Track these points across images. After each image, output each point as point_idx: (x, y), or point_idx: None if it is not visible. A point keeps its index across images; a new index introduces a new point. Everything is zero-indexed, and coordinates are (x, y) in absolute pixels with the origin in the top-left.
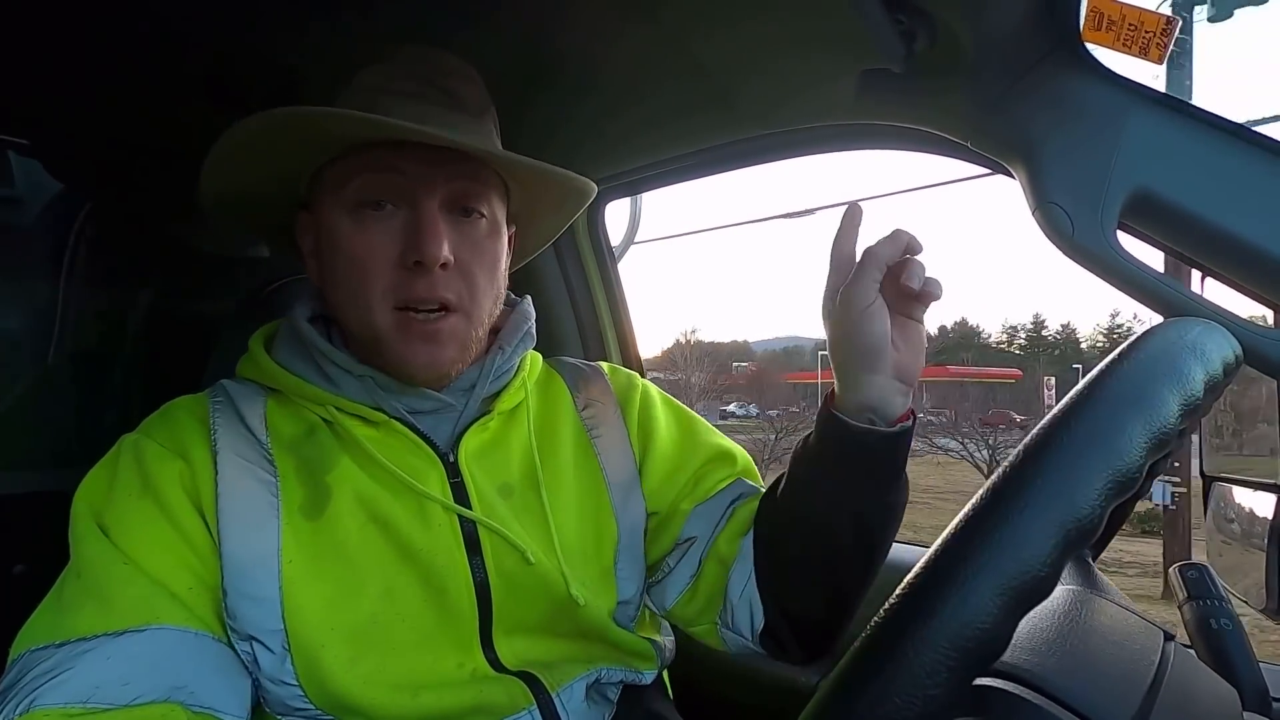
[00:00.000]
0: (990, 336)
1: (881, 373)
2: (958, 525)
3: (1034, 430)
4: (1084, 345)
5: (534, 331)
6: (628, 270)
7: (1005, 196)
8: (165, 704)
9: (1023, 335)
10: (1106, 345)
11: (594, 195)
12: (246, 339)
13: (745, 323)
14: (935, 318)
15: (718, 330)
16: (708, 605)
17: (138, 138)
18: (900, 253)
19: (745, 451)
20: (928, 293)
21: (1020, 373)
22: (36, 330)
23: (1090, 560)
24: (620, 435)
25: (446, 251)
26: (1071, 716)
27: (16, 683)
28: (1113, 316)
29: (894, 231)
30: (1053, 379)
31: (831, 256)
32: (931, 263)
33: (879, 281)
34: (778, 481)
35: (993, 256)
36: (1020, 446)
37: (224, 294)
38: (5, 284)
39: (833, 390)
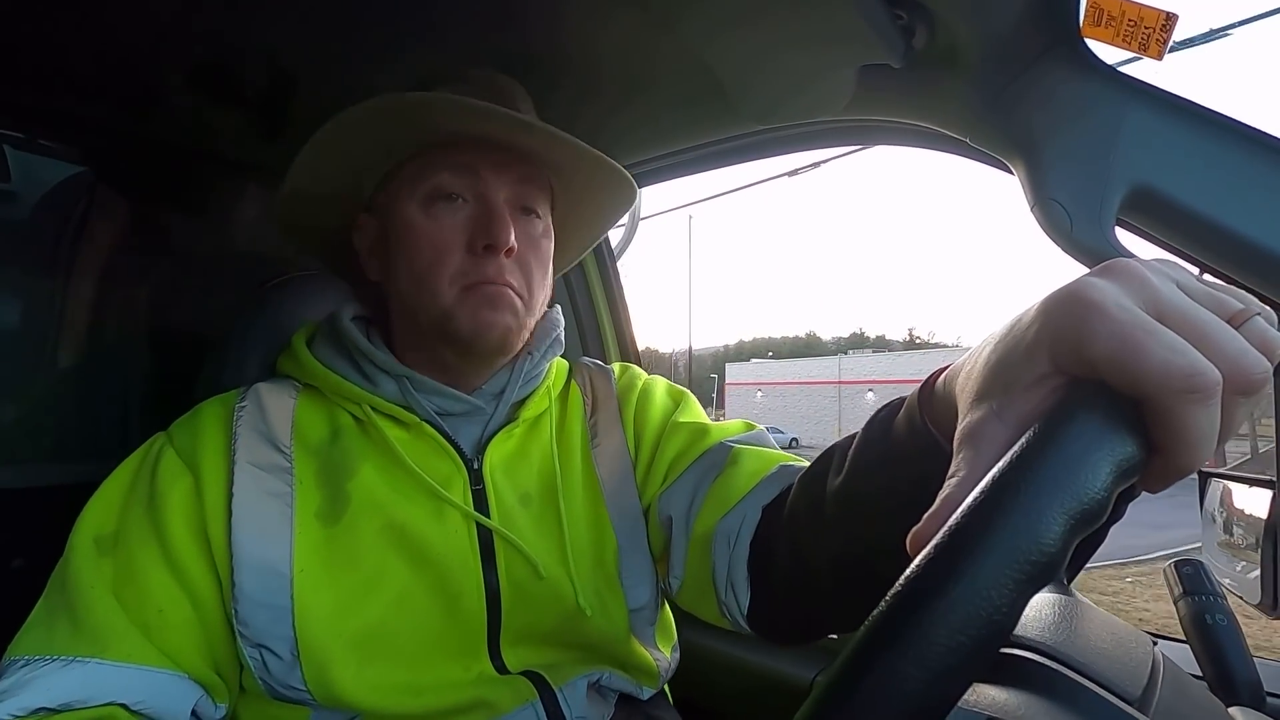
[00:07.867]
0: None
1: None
2: (1020, 451)
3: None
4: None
5: (562, 339)
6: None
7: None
8: (107, 707)
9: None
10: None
11: (636, 197)
12: (244, 336)
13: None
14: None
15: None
16: (702, 590)
17: (134, 131)
18: None
19: (738, 421)
20: None
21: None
22: (35, 325)
23: (1065, 582)
24: (618, 435)
25: (513, 239)
26: (1089, 684)
27: None
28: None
29: None
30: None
31: None
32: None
33: None
34: (825, 470)
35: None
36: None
37: (223, 290)
38: (3, 279)
39: (926, 409)
